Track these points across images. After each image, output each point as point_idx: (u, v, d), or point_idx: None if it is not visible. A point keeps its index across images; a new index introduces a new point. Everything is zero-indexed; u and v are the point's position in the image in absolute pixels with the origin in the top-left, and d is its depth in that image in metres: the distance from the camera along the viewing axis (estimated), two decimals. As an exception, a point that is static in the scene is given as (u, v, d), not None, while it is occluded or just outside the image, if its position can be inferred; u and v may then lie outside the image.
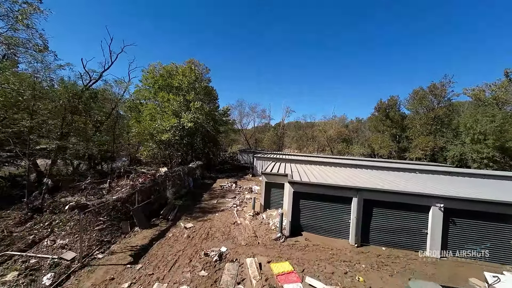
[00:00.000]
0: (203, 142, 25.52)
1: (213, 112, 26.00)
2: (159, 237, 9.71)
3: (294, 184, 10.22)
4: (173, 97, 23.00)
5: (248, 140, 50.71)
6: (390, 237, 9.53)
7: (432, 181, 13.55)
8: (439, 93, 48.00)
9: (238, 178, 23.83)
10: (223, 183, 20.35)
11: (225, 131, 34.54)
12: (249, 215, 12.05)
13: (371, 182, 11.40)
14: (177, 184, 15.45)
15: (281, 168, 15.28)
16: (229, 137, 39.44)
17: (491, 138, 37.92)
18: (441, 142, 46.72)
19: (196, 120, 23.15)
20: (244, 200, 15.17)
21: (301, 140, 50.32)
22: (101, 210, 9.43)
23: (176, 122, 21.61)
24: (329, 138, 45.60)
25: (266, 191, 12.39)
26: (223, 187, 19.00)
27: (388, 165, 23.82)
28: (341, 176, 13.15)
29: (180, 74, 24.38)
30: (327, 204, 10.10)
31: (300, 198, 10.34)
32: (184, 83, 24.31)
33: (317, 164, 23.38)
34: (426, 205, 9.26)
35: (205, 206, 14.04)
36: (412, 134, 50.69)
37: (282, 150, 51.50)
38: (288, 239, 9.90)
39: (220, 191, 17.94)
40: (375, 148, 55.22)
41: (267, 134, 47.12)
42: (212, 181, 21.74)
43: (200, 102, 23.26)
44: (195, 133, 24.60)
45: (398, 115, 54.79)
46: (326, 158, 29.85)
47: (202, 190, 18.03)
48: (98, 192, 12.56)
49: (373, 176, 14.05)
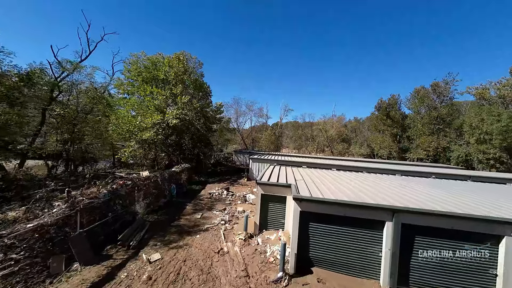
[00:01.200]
0: (193, 141, 22.23)
1: (205, 108, 22.75)
2: (106, 280, 6.47)
3: (301, 201, 7.07)
4: (157, 90, 19.67)
5: (245, 140, 47.50)
6: (440, 279, 6.45)
7: (484, 192, 10.45)
8: (442, 92, 45.39)
9: (231, 182, 20.60)
10: (212, 190, 17.10)
11: (218, 130, 31.30)
12: (240, 238, 8.86)
13: (403, 196, 8.30)
14: (153, 193, 12.18)
15: (281, 174, 12.11)
16: (223, 136, 36.14)
17: (497, 138, 35.40)
18: (444, 142, 44.13)
19: (184, 117, 19.87)
20: (235, 214, 11.95)
21: (299, 140, 47.29)
22: (15, 242, 6.15)
23: (160, 119, 18.32)
24: (330, 138, 42.64)
25: (262, 206, 9.21)
26: (212, 195, 15.76)
27: (401, 168, 20.78)
28: (362, 186, 10.02)
29: (166, 65, 21.06)
30: (349, 229, 6.97)
31: (310, 221, 7.20)
32: (170, 75, 20.99)
33: (322, 167, 20.25)
34: (496, 235, 6.19)
35: (185, 223, 10.79)
36: (414, 133, 48.00)
37: (280, 150, 48.37)
38: (293, 279, 6.75)
39: (207, 200, 14.69)
40: (375, 149, 52.52)
41: (264, 134, 43.97)
42: (201, 187, 18.46)
43: (188, 97, 19.99)
44: (183, 132, 21.31)
45: (399, 114, 52.10)
46: (331, 159, 26.77)
47: (187, 199, 14.75)
48: (49, 205, 9.27)
49: (400, 185, 10.95)
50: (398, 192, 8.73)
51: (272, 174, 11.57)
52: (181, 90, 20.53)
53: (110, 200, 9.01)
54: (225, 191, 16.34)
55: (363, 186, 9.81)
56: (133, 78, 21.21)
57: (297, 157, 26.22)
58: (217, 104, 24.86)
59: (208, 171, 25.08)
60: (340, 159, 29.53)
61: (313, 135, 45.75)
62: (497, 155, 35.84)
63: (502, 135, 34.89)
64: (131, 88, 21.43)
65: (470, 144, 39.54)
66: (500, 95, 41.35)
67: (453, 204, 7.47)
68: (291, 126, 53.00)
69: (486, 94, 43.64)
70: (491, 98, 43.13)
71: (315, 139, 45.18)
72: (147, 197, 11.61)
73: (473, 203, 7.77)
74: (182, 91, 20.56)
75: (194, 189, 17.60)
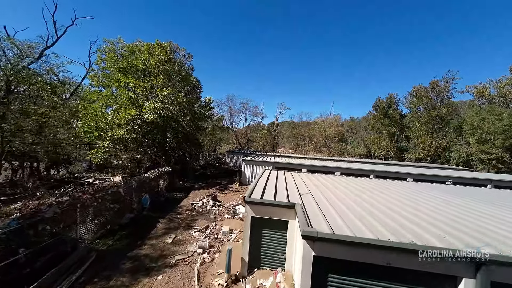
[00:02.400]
0: (177, 141, 19.06)
1: (191, 103, 19.61)
2: None
3: (315, 241, 4.15)
4: (134, 81, 16.45)
5: (239, 140, 44.44)
6: None
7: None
8: (442, 90, 43.36)
9: (221, 188, 17.53)
10: (197, 199, 14.01)
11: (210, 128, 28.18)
12: (220, 284, 5.87)
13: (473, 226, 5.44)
14: (110, 209, 9.03)
15: (280, 184, 9.14)
16: (215, 135, 33.06)
17: (500, 137, 33.44)
18: (444, 142, 42.15)
19: (166, 112, 16.72)
20: (219, 236, 8.91)
21: (296, 140, 44.52)
22: None
23: (135, 114, 15.12)
24: (328, 137, 40.00)
25: (253, 234, 6.20)
26: (195, 206, 12.66)
27: (408, 170, 18.09)
28: (394, 203, 7.12)
29: (145, 52, 17.82)
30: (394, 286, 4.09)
31: (330, 272, 4.30)
32: (151, 64, 17.76)
33: (325, 171, 17.40)
34: None
35: (149, 252, 7.70)
36: (412, 133, 45.88)
37: (276, 150, 45.51)
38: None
39: (187, 214, 11.58)
40: (373, 148, 50.29)
41: (259, 133, 40.99)
42: (184, 195, 15.32)
43: (170, 89, 16.81)
44: (165, 130, 18.14)
45: (397, 113, 49.96)
46: (332, 161, 23.96)
47: (162, 212, 11.61)
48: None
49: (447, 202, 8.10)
50: (457, 218, 5.82)
51: (267, 186, 8.54)
52: (163, 82, 17.33)
53: (23, 228, 5.85)
54: (211, 200, 13.27)
55: (395, 203, 6.92)
56: (109, 68, 17.86)
57: (295, 159, 23.34)
58: (206, 99, 21.72)
59: (196, 174, 21.94)
60: (342, 160, 26.80)
61: (310, 135, 43.07)
62: (499, 155, 33.96)
63: (504, 135, 33.16)
64: (106, 80, 18.09)
65: (471, 144, 37.63)
66: (501, 93, 39.57)
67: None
68: (288, 125, 50.24)
69: (486, 92, 41.88)
70: (491, 97, 41.41)
71: (312, 139, 42.50)
72: (101, 214, 8.46)
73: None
74: (163, 83, 17.36)
75: (175, 198, 14.46)
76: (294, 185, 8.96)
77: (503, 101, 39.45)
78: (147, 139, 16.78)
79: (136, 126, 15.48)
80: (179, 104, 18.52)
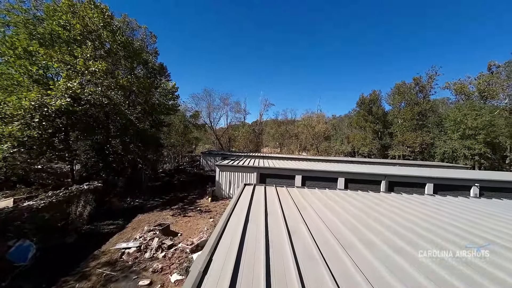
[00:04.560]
0: (123, 141, 13.06)
1: (146, 89, 13.67)
2: None
3: None
4: (43, 50, 10.22)
5: (220, 139, 38.71)
6: None
7: None
8: (425, 86, 41.97)
9: (184, 208, 11.94)
10: (134, 236, 8.37)
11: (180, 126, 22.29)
12: None
13: None
14: None
15: (273, 212, 4.03)
16: (189, 133, 27.20)
17: (481, 133, 32.43)
18: (428, 138, 40.84)
19: (99, 99, 10.77)
20: None
21: (281, 138, 40.03)
22: None
23: (37, 100, 9.01)
24: (316, 134, 36.04)
25: None
26: (124, 254, 7.06)
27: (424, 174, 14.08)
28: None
29: (67, 10, 11.57)
30: None
31: None
32: (76, 28, 11.56)
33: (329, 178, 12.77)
34: None
35: None
36: (397, 130, 44.09)
37: (260, 149, 40.58)
38: None
39: (98, 277, 6.00)
40: (357, 146, 47.90)
41: (241, 130, 35.70)
42: (118, 225, 9.48)
43: (104, 64, 10.86)
44: (99, 125, 12.09)
45: (381, 110, 48.15)
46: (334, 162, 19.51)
47: (52, 274, 5.90)
48: None
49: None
50: None
51: (244, 254, 3.30)
52: (92, 53, 11.25)
53: None
54: (157, 238, 7.74)
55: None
56: (14, 39, 11.20)
57: (285, 161, 18.49)
58: (169, 86, 15.81)
59: (155, 185, 16.03)
60: (342, 161, 22.65)
61: (297, 132, 38.83)
62: (482, 150, 32.86)
63: (485, 130, 32.24)
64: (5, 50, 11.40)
65: (453, 140, 36.48)
66: (480, 89, 39.05)
67: None
68: (272, 123, 45.62)
69: (466, 89, 41.35)
70: (470, 93, 40.95)
71: (298, 137, 38.33)
72: None
73: None
74: (93, 55, 11.28)
75: (100, 233, 8.64)
76: (295, 225, 3.91)
77: (481, 97, 39.00)
78: (58, 137, 10.58)
79: (41, 118, 9.32)
80: (123, 89, 12.57)
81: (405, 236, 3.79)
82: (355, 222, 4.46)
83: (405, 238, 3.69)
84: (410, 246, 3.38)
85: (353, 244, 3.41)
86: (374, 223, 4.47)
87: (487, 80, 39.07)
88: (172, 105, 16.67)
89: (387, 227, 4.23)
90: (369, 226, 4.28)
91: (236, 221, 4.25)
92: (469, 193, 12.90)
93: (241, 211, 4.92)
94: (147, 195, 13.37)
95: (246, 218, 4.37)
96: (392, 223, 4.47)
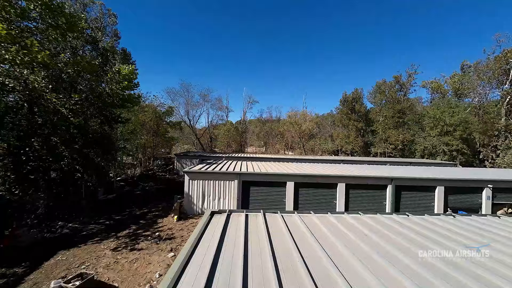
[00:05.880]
0: (45, 142, 9.11)
1: (85, 70, 9.74)
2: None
3: None
4: None
5: (200, 139, 34.80)
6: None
7: None
8: (405, 83, 42.30)
9: (135, 234, 8.41)
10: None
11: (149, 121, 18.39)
12: None
13: None
14: None
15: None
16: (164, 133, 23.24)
17: (458, 129, 33.08)
18: (409, 136, 41.26)
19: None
20: None
21: (267, 137, 37.28)
22: None
23: None
24: (303, 133, 33.87)
25: None
26: None
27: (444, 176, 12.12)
28: None
29: None
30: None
31: None
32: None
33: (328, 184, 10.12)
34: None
35: None
36: (380, 127, 43.99)
37: (244, 149, 37.42)
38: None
39: None
40: (340, 144, 47.17)
41: (222, 129, 32.18)
42: (6, 282, 5.81)
43: (4, 26, 6.98)
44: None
45: (363, 108, 48.02)
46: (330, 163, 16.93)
47: None
48: None
49: None
50: None
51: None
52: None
53: None
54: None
55: None
56: None
57: (271, 162, 15.60)
58: (126, 70, 11.82)
59: (109, 198, 12.15)
60: (337, 161, 20.40)
61: (282, 130, 36.35)
62: (459, 146, 33.44)
63: (461, 126, 32.91)
64: None
65: (432, 137, 36.93)
66: (455, 88, 40.23)
67: None
68: (257, 121, 42.63)
69: (442, 87, 42.46)
70: (445, 91, 42.11)
71: (284, 135, 35.91)
72: None
73: None
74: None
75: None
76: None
77: (456, 95, 40.14)
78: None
79: None
80: (46, 68, 8.66)
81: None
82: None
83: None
84: None
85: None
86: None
87: (460, 80, 40.36)
88: (130, 96, 12.81)
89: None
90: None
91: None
92: (481, 196, 11.15)
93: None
94: (87, 216, 9.54)
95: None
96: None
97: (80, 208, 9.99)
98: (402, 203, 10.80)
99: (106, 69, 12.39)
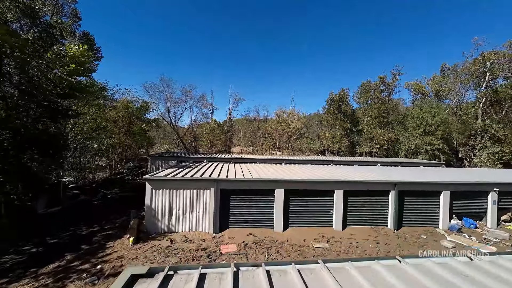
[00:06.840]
0: None
1: (20, 50, 7.08)
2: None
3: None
4: None
5: (182, 138, 31.91)
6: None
7: None
8: (390, 84, 42.74)
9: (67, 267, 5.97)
10: None
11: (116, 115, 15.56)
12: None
13: None
14: None
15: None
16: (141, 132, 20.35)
17: (439, 129, 33.82)
18: (393, 135, 41.72)
19: None
20: None
21: (254, 136, 35.33)
22: None
23: None
24: (291, 132, 32.35)
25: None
26: None
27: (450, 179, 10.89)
28: None
29: None
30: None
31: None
32: None
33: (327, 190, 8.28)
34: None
35: None
36: (366, 127, 44.11)
37: (230, 149, 35.11)
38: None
39: None
40: (327, 143, 46.74)
41: (205, 127, 29.57)
42: None
43: None
44: None
45: (350, 108, 48.08)
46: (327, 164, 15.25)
47: None
48: None
49: None
50: None
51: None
52: None
53: None
54: None
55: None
56: None
57: (258, 164, 13.64)
58: (70, 49, 8.99)
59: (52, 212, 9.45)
60: (334, 162, 18.87)
61: (270, 129, 34.59)
62: (440, 146, 34.15)
63: (442, 127, 33.67)
64: None
65: (414, 136, 37.49)
66: (435, 89, 41.29)
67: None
68: (244, 120, 40.47)
69: (423, 89, 43.45)
70: (426, 92, 43.15)
71: (271, 135, 34.22)
72: None
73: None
74: None
75: None
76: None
77: (437, 96, 41.19)
78: None
79: None
80: None
81: None
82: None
83: None
84: None
85: None
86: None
87: (441, 81, 41.47)
88: (80, 83, 10.10)
89: None
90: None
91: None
92: (487, 200, 10.08)
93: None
94: (4, 241, 6.86)
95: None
96: None
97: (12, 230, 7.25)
98: (406, 212, 9.36)
99: (45, 48, 9.57)
